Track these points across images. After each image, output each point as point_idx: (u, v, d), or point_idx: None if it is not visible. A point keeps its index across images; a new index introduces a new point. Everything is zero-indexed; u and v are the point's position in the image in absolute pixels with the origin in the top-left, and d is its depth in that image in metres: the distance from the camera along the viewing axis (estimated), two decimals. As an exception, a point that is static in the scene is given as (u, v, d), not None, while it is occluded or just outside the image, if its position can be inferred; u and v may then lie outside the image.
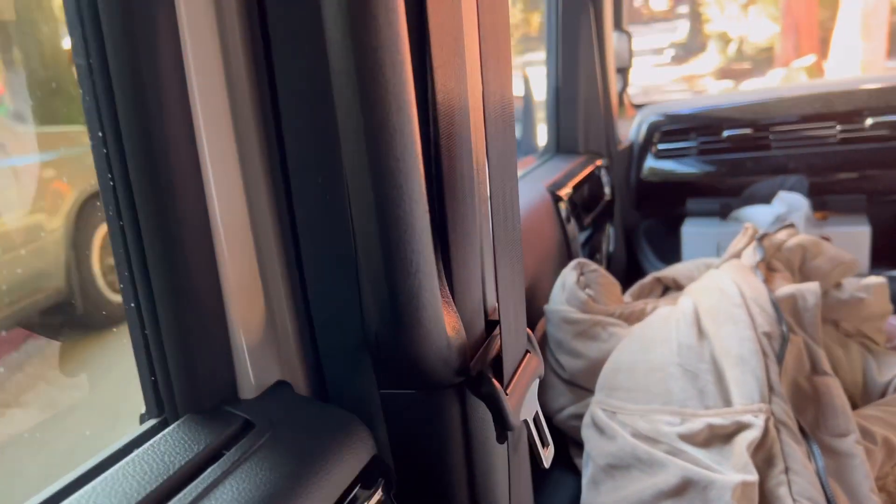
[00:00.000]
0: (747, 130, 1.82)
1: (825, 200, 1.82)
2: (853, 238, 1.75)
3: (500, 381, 0.59)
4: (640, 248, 1.99)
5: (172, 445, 0.51)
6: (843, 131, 1.74)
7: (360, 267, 0.51)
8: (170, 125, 0.48)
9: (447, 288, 0.59)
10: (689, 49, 11.23)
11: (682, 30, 11.83)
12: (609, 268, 1.80)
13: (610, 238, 1.79)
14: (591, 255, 1.64)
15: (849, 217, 1.81)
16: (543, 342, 1.24)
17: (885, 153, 1.71)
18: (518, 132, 2.21)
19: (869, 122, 1.71)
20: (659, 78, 10.15)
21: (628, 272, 1.93)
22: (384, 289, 0.47)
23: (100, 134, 0.49)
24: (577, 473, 1.08)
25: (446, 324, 0.56)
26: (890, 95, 1.70)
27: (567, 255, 1.45)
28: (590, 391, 1.11)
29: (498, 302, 0.59)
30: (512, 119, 0.61)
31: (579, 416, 1.10)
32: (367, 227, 0.46)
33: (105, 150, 0.49)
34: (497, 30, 0.57)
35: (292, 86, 0.53)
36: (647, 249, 1.98)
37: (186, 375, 0.54)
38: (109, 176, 0.50)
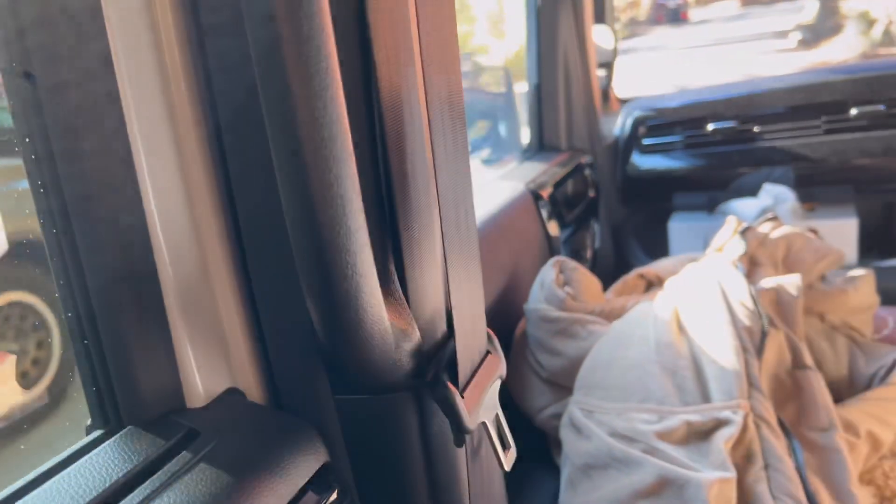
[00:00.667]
0: (732, 123, 1.81)
1: (812, 192, 1.80)
2: (841, 229, 1.73)
3: (456, 383, 0.58)
4: (628, 245, 1.98)
5: (111, 457, 0.50)
6: (827, 122, 1.73)
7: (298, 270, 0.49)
8: (97, 122, 0.47)
9: (399, 290, 0.58)
10: (819, 32, 9.84)
11: (809, 10, 10.43)
12: (596, 265, 1.79)
13: (595, 235, 1.78)
14: (576, 253, 1.63)
15: (836, 208, 1.80)
16: (524, 342, 1.22)
17: (871, 143, 1.70)
18: (503, 131, 2.20)
19: (853, 111, 1.69)
20: (784, 65, 8.94)
21: (616, 269, 1.91)
22: (321, 292, 0.46)
23: (27, 139, 0.47)
24: (560, 474, 1.07)
25: (396, 326, 0.55)
26: (874, 84, 1.69)
27: (548, 254, 1.44)
28: (570, 390, 1.10)
29: (450, 301, 0.58)
30: (461, 115, 0.60)
31: (560, 416, 1.09)
32: (300, 229, 0.44)
33: (34, 155, 0.48)
34: (441, 20, 0.55)
35: (229, 80, 0.52)
36: (634, 246, 1.97)
37: (128, 384, 0.53)
38: (39, 183, 0.48)
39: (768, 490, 0.88)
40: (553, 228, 1.47)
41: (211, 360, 0.57)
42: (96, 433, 0.54)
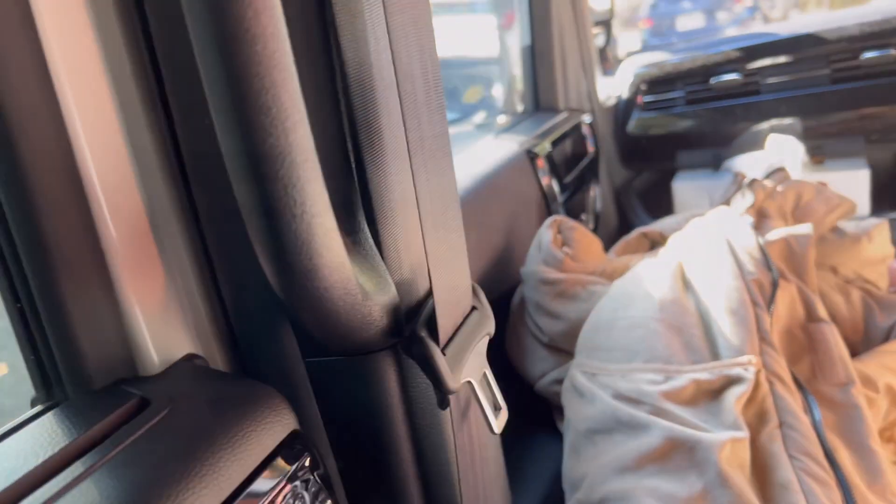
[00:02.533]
0: (735, 76, 1.73)
1: (821, 144, 1.73)
2: (852, 181, 1.67)
3: (437, 340, 0.53)
4: (631, 206, 1.91)
5: (50, 431, 0.45)
6: (836, 70, 1.65)
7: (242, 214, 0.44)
8: (12, 65, 0.42)
9: (370, 242, 0.53)
10: None
11: None
12: (598, 227, 1.73)
13: (597, 197, 1.72)
14: (576, 216, 1.57)
15: (846, 160, 1.72)
16: (523, 306, 1.17)
17: (882, 90, 1.62)
18: (497, 94, 2.13)
19: (863, 57, 1.62)
20: None
21: (620, 232, 1.85)
22: (267, 236, 0.41)
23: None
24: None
25: (365, 278, 0.50)
26: (884, 27, 1.61)
27: (546, 216, 1.38)
28: (571, 354, 1.04)
29: (426, 254, 0.53)
30: (435, 62, 0.55)
31: (562, 381, 1.04)
32: (237, 161, 0.39)
33: None
34: None
35: (167, 17, 0.47)
36: (637, 207, 1.91)
37: (71, 352, 0.48)
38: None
39: (784, 449, 0.83)
40: (550, 189, 1.41)
41: (165, 324, 0.52)
42: (40, 406, 0.49)
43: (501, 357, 1.18)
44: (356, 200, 0.52)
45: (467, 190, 1.16)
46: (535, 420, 1.12)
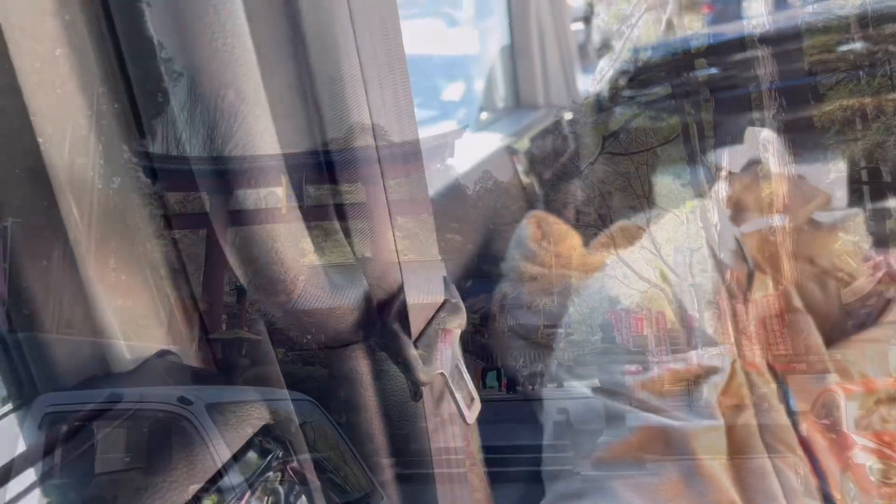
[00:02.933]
0: (715, 70, 1.75)
1: (799, 137, 1.75)
2: (828, 173, 1.68)
3: (408, 333, 0.53)
4: (611, 200, 1.92)
5: (22, 428, 0.45)
6: (813, 63, 1.67)
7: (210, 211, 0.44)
8: None
9: (340, 235, 0.53)
10: None
11: None
12: (579, 222, 1.74)
13: (577, 192, 1.73)
14: (557, 212, 1.58)
15: (823, 152, 1.74)
16: (504, 301, 1.17)
17: (859, 83, 1.64)
18: (477, 91, 2.14)
19: (839, 50, 1.64)
20: None
21: (600, 225, 1.86)
22: (236, 232, 0.41)
23: None
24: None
25: (335, 272, 0.50)
26: (860, 20, 1.62)
27: (527, 211, 1.38)
28: (551, 347, 1.05)
29: (397, 249, 0.53)
30: (402, 60, 0.55)
31: (542, 375, 1.05)
32: (203, 160, 0.39)
33: None
34: None
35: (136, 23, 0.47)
36: (617, 201, 1.92)
37: (41, 351, 0.48)
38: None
39: (760, 437, 0.84)
40: (531, 185, 1.41)
41: (138, 321, 0.52)
42: (10, 404, 0.49)
43: (482, 350, 1.18)
44: (326, 197, 0.52)
45: (447, 186, 1.16)
46: (515, 412, 1.12)
